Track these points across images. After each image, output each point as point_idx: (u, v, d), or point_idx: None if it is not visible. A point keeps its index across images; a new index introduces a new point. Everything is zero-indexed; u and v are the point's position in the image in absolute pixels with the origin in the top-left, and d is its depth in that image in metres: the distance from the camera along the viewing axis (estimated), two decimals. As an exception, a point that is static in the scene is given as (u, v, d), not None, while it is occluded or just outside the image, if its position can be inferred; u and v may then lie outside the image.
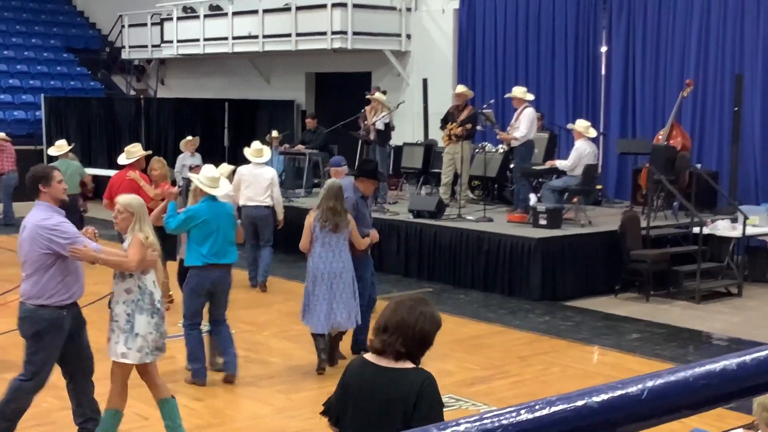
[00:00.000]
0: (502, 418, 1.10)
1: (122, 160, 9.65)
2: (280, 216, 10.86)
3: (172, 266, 8.62)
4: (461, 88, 13.24)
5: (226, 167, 10.76)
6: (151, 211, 8.75)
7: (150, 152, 10.14)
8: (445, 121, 13.06)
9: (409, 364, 3.36)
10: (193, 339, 7.33)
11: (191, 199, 7.58)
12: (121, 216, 5.73)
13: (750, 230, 11.35)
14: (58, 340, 5.67)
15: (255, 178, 10.74)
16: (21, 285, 5.70)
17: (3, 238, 14.64)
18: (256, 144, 11.06)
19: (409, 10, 18.05)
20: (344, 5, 17.42)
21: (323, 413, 3.59)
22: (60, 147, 12.60)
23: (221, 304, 7.37)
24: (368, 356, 3.40)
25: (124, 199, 5.86)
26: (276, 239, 11.63)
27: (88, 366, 5.91)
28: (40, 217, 5.57)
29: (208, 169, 7.46)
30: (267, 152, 11.05)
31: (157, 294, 5.76)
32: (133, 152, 9.60)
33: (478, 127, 13.34)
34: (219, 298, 7.33)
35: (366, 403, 3.36)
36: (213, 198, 7.25)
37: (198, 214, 7.17)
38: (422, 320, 3.34)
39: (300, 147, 15.60)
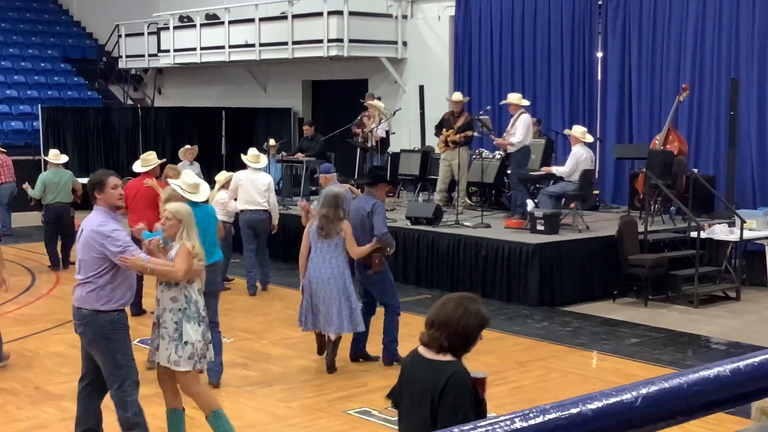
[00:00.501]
0: (496, 426, 1.10)
1: (138, 167, 9.76)
2: (275, 221, 10.96)
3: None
4: (458, 96, 13.27)
5: (224, 174, 10.81)
6: None
7: (165, 160, 10.30)
8: (440, 128, 13.07)
9: (449, 357, 3.54)
10: None
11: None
12: (169, 223, 5.80)
13: (747, 234, 11.36)
14: (126, 337, 5.71)
15: (253, 183, 10.86)
16: (75, 290, 5.75)
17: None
18: (253, 150, 11.23)
19: (405, 17, 18.09)
20: (340, 13, 17.45)
21: (388, 396, 3.87)
22: (57, 156, 12.77)
23: (211, 305, 7.36)
24: (420, 348, 3.62)
25: (173, 206, 5.95)
26: (274, 246, 11.64)
27: None
28: (96, 222, 5.60)
29: (188, 175, 7.46)
30: (264, 158, 11.25)
31: (201, 303, 5.82)
32: (149, 160, 9.71)
33: (475, 134, 13.36)
34: (208, 298, 7.33)
35: (410, 390, 3.62)
36: (194, 202, 7.22)
37: None
38: (466, 317, 3.51)
39: (298, 155, 15.62)
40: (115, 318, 5.60)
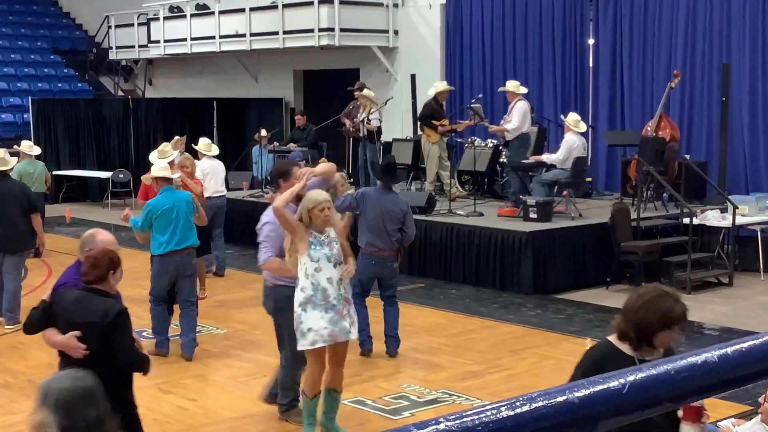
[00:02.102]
0: (482, 415, 1.10)
1: (155, 159, 9.76)
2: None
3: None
4: (447, 85, 13.34)
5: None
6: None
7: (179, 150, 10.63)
8: (431, 117, 13.02)
9: (614, 338, 3.59)
10: (157, 314, 7.98)
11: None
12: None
13: (740, 220, 11.38)
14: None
15: (214, 170, 11.34)
16: None
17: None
18: (204, 140, 11.68)
19: (396, 5, 18.03)
20: (331, 2, 17.39)
21: None
22: (30, 147, 12.90)
23: (186, 285, 7.95)
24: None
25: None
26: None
27: None
28: (271, 206, 6.08)
29: (157, 162, 8.37)
30: (215, 147, 11.67)
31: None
32: (166, 152, 9.74)
33: (469, 122, 13.42)
34: (183, 280, 7.89)
35: None
36: (169, 188, 7.88)
37: (157, 206, 7.76)
38: (645, 309, 3.48)
39: (290, 145, 15.58)
40: (290, 294, 5.96)
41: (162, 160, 9.69)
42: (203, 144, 11.53)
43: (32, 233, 9.04)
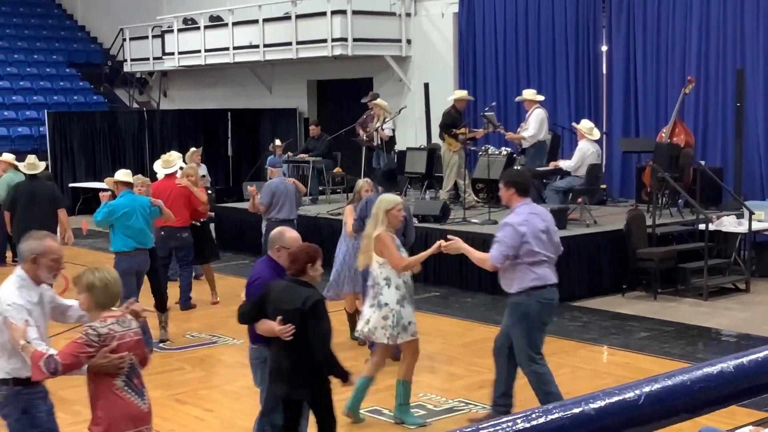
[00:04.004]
0: (498, 427, 1.10)
1: (160, 169, 9.97)
2: None
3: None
4: (467, 94, 13.42)
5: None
6: (201, 214, 10.13)
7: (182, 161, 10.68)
8: (452, 126, 13.01)
9: None
10: None
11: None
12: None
13: (756, 225, 11.32)
14: (541, 321, 6.33)
15: None
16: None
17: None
18: (165, 156, 10.91)
19: (408, 15, 18.08)
20: (344, 12, 17.45)
21: None
22: (14, 159, 13.27)
23: (140, 284, 8.64)
24: None
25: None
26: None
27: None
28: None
29: (121, 174, 8.85)
30: (179, 161, 11.18)
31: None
32: (170, 161, 9.97)
33: (484, 130, 13.43)
34: (141, 278, 8.61)
35: None
36: (129, 192, 8.56)
37: (118, 207, 8.45)
38: None
39: (303, 155, 15.62)
40: (533, 301, 6.30)
41: (164, 170, 9.92)
42: (162, 160, 10.71)
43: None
